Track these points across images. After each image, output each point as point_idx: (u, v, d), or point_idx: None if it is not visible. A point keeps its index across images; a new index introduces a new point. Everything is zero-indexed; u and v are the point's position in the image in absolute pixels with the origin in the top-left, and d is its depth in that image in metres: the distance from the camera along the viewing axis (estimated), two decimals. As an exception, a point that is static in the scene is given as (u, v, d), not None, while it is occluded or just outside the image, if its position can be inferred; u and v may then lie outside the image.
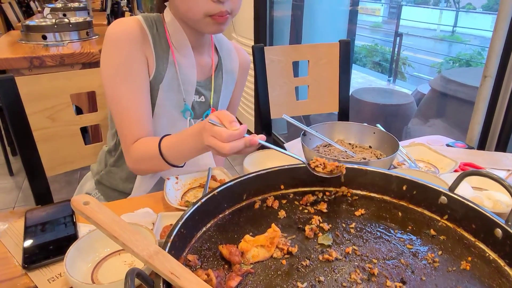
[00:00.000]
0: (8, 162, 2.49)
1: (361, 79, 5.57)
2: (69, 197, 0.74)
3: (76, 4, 3.52)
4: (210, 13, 0.74)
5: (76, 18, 2.69)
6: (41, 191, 1.00)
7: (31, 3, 4.89)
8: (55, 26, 2.27)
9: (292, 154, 0.65)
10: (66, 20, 2.36)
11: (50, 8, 3.12)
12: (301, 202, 0.63)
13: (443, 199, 0.57)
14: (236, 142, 0.61)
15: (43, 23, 2.31)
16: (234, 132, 0.60)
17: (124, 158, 0.85)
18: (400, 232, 0.56)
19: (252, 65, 1.18)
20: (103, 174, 0.98)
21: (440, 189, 0.57)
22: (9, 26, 3.77)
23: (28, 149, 0.97)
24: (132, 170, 0.84)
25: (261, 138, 0.63)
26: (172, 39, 0.83)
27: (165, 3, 0.84)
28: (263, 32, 2.62)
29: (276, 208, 0.61)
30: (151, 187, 0.88)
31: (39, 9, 4.29)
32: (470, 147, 1.02)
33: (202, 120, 0.89)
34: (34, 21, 2.40)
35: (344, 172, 0.62)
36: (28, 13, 5.01)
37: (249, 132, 0.63)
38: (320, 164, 0.63)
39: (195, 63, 0.85)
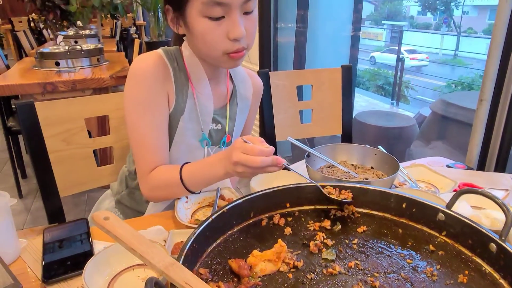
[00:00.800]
0: (18, 184, 2.54)
1: (365, 102, 5.64)
2: (77, 218, 0.78)
3: (87, 32, 3.66)
4: (228, 51, 0.77)
5: (87, 45, 2.80)
6: (54, 211, 1.03)
7: (44, 31, 5.08)
8: (68, 53, 2.36)
9: (311, 180, 0.71)
10: (78, 47, 2.46)
11: (63, 36, 3.24)
12: (309, 224, 0.66)
13: (441, 216, 0.60)
14: (266, 158, 0.65)
15: (57, 50, 2.41)
16: (265, 149, 0.66)
17: None
18: (400, 247, 0.59)
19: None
20: (123, 194, 1.02)
21: (438, 207, 0.60)
22: (20, 53, 3.91)
23: (44, 170, 1.01)
24: (147, 197, 0.87)
25: (284, 162, 0.68)
26: (191, 72, 0.87)
27: (183, 38, 0.88)
28: (267, 58, 2.71)
29: (282, 225, 0.65)
30: (162, 208, 0.91)
31: (51, 36, 4.45)
32: (469, 168, 1.05)
33: (219, 147, 0.94)
34: (47, 49, 2.50)
35: (347, 197, 0.67)
36: (40, 40, 5.19)
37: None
38: (334, 192, 0.68)
39: (211, 94, 0.89)
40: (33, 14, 5.85)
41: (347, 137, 1.48)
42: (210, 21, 0.74)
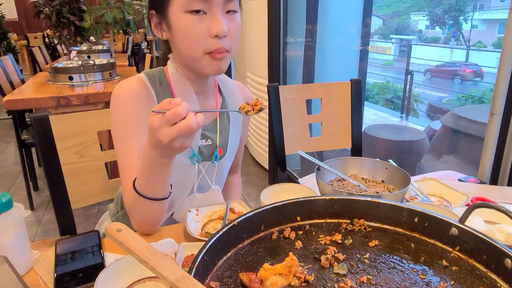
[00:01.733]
0: (30, 197, 2.58)
1: (374, 116, 5.62)
2: (88, 230, 0.78)
3: (100, 47, 3.74)
4: (209, 50, 0.76)
5: (100, 59, 2.86)
6: (66, 223, 1.05)
7: (58, 46, 5.20)
8: (81, 68, 2.42)
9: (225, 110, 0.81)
10: (91, 62, 2.51)
11: (76, 51, 3.32)
12: (320, 238, 0.66)
13: (454, 230, 0.59)
14: (189, 113, 0.61)
15: (70, 65, 2.46)
16: (180, 106, 0.60)
17: None
18: (413, 262, 0.58)
19: (267, 103, 1.23)
20: (119, 215, 1.02)
21: (451, 221, 0.60)
22: (35, 68, 4.01)
23: (57, 183, 1.03)
24: (136, 229, 0.81)
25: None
26: (176, 89, 0.87)
27: (168, 56, 0.89)
28: (276, 71, 2.73)
29: (293, 238, 0.64)
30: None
31: (65, 51, 4.56)
32: (482, 182, 1.03)
33: (212, 162, 0.92)
34: (61, 63, 2.56)
35: (263, 106, 0.72)
36: (54, 55, 5.32)
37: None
38: (250, 108, 0.72)
39: (199, 108, 0.88)
40: (48, 30, 6.01)
41: (357, 151, 1.48)
42: (191, 16, 0.74)
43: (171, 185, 0.78)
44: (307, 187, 0.90)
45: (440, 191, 0.93)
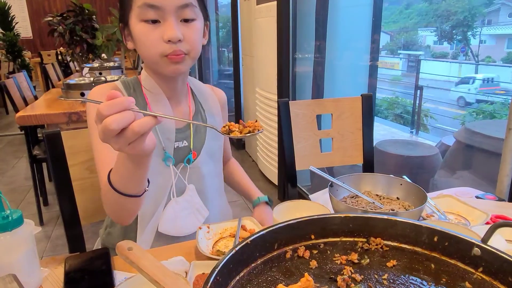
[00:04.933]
0: (40, 212, 2.58)
1: (384, 131, 5.59)
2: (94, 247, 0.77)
3: (111, 64, 3.81)
4: (165, 53, 0.81)
5: (111, 76, 2.91)
6: (75, 239, 1.04)
7: (70, 63, 5.31)
8: (93, 84, 2.45)
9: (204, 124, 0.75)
10: (102, 78, 2.55)
11: (88, 68, 3.38)
12: (336, 257, 0.64)
13: (476, 250, 0.56)
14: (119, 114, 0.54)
15: (82, 81, 2.50)
16: (119, 99, 0.54)
17: None
18: (434, 284, 0.56)
19: (276, 118, 1.22)
20: (104, 237, 1.04)
21: (473, 241, 0.57)
22: (48, 84, 4.08)
23: (67, 198, 1.02)
24: (110, 216, 0.86)
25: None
26: (148, 94, 0.92)
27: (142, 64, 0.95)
28: (286, 87, 2.74)
29: (307, 258, 0.62)
30: (150, 242, 0.92)
31: (77, 68, 4.64)
32: (500, 199, 1.00)
33: (183, 164, 0.95)
34: (73, 80, 2.60)
35: (260, 128, 0.64)
36: (66, 72, 5.42)
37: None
38: (236, 129, 0.63)
39: (171, 112, 0.93)
40: (61, 48, 6.15)
41: (368, 167, 1.45)
42: (146, 25, 0.80)
43: (148, 182, 0.75)
44: (320, 204, 0.88)
45: (458, 209, 0.91)
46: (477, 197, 1.02)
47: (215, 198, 1.03)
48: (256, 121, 0.65)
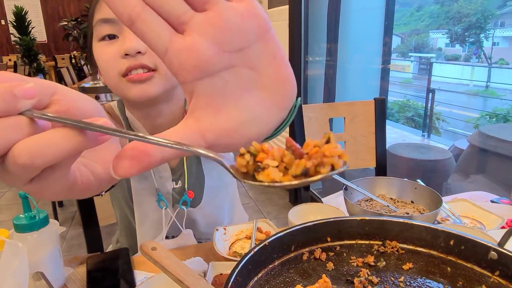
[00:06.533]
0: (56, 213, 2.63)
1: (395, 134, 5.55)
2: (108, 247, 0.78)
3: (124, 67, 3.86)
4: (123, 71, 0.67)
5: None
6: (94, 239, 1.07)
7: (84, 67, 5.40)
8: (107, 87, 2.49)
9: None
10: (117, 82, 2.60)
11: (102, 72, 3.44)
12: (352, 259, 0.65)
13: (493, 254, 0.57)
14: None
15: (97, 85, 2.55)
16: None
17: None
18: (450, 287, 0.56)
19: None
20: (116, 247, 1.05)
21: (489, 244, 0.58)
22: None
23: (85, 200, 1.05)
24: None
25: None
26: (133, 127, 0.81)
27: None
28: (297, 90, 2.74)
29: (324, 260, 0.63)
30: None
31: (91, 72, 4.72)
32: (516, 204, 1.00)
33: (179, 208, 0.84)
34: (88, 83, 2.66)
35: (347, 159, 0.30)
36: (80, 75, 5.52)
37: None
38: (272, 162, 0.28)
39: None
40: (75, 52, 6.26)
41: (381, 170, 1.46)
42: (103, 43, 0.69)
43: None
44: (334, 207, 0.89)
45: (473, 213, 0.91)
46: (492, 201, 1.02)
47: (227, 213, 0.96)
48: (329, 142, 0.29)
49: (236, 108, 0.32)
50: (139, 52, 0.66)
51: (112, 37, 0.69)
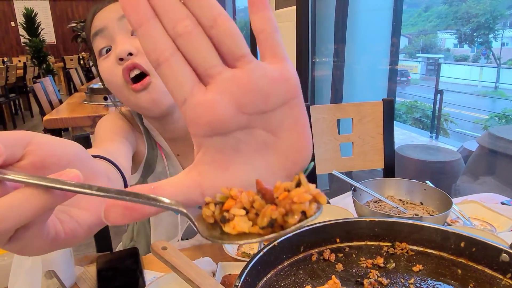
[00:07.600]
0: (63, 212, 2.66)
1: (403, 135, 5.52)
2: (115, 246, 0.78)
3: (132, 68, 3.89)
4: (123, 78, 0.70)
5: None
6: (103, 238, 1.07)
7: (92, 68, 5.45)
8: (116, 88, 2.51)
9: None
10: (125, 83, 2.61)
11: (110, 72, 3.46)
12: (361, 261, 0.65)
13: (505, 256, 0.56)
14: None
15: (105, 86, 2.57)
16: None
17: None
18: (461, 289, 0.56)
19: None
20: (127, 245, 1.04)
21: (501, 247, 0.57)
22: (70, 88, 4.20)
23: (95, 199, 1.06)
24: None
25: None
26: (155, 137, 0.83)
27: None
28: (305, 91, 2.75)
29: (333, 261, 0.63)
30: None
31: (99, 73, 4.77)
32: (527, 206, 0.99)
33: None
34: (97, 84, 2.68)
35: (323, 201, 0.30)
36: (88, 76, 5.57)
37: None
38: (239, 211, 0.27)
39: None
40: (83, 53, 6.32)
41: (389, 171, 1.45)
42: (102, 59, 0.72)
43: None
44: (342, 208, 0.88)
45: (483, 215, 0.90)
46: (502, 203, 1.01)
47: None
48: (301, 185, 0.27)
49: (243, 169, 0.30)
50: (130, 54, 0.68)
51: (108, 50, 0.71)
